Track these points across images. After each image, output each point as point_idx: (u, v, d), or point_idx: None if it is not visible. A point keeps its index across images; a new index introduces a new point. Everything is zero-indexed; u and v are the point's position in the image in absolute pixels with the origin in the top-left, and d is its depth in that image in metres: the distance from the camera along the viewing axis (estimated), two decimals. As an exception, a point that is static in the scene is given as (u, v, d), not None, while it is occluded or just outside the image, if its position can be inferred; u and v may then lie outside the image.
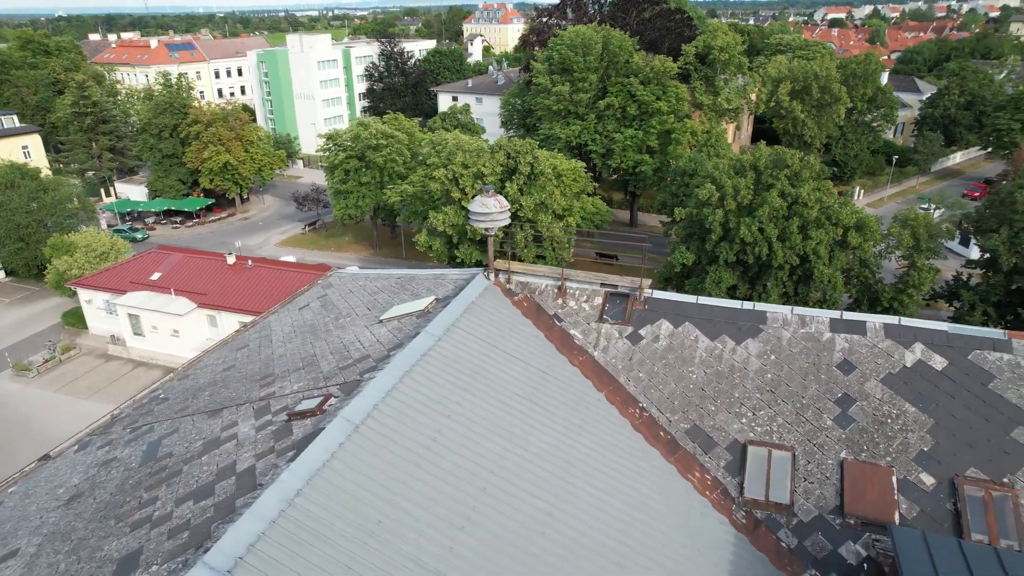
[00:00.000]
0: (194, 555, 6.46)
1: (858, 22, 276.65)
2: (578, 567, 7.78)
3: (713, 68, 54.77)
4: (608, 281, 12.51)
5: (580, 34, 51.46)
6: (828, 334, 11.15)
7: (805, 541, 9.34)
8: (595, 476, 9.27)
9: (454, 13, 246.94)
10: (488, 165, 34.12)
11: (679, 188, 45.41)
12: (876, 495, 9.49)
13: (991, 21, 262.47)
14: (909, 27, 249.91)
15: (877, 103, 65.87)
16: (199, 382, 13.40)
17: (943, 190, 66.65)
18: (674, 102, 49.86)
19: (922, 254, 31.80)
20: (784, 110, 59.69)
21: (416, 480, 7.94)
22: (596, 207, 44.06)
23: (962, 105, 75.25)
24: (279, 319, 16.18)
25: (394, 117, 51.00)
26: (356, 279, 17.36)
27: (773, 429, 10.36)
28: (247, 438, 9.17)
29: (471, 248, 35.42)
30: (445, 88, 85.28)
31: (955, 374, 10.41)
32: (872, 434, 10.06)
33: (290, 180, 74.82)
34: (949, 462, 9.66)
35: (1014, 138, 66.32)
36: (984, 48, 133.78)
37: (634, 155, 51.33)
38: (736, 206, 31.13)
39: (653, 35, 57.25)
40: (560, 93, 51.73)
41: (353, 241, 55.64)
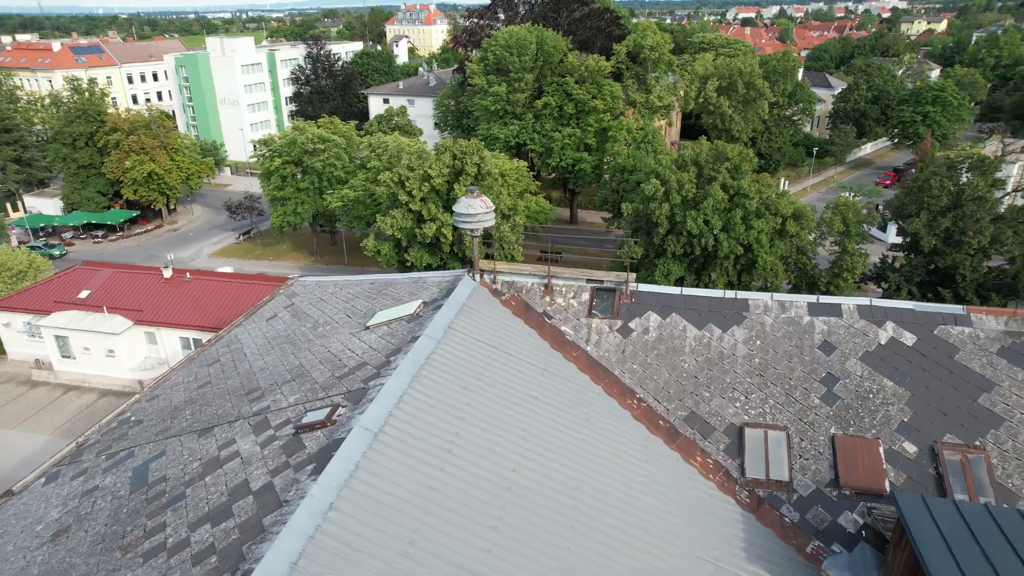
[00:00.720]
0: (236, 579, 6.21)
1: (767, 21, 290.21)
2: (609, 557, 7.91)
3: (644, 66, 56.21)
4: (594, 277, 12.71)
5: (514, 34, 51.78)
6: (807, 318, 11.72)
7: (806, 514, 9.81)
8: (608, 468, 9.42)
9: (376, 14, 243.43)
10: (435, 167, 33.85)
11: (620, 184, 46.43)
12: (866, 466, 10.06)
13: (884, 21, 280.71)
14: (813, 26, 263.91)
15: (796, 98, 69.33)
16: (174, 401, 12.78)
17: (859, 179, 70.80)
18: (609, 100, 50.92)
19: (852, 239, 33.68)
20: (712, 106, 61.96)
21: (443, 484, 7.87)
22: (540, 205, 44.42)
23: (870, 99, 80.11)
24: (247, 332, 15.61)
25: (330, 121, 49.87)
26: (324, 287, 16.96)
27: (766, 411, 10.81)
28: (252, 455, 8.84)
29: (421, 251, 35.08)
30: (376, 90, 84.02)
31: (924, 348, 11.16)
32: (857, 409, 10.65)
33: (218, 188, 71.93)
34: (927, 430, 10.35)
35: (917, 129, 71.12)
36: (883, 46, 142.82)
37: (573, 153, 52.09)
38: (681, 200, 32.09)
39: (585, 35, 58.25)
40: (497, 93, 51.90)
41: (291, 249, 54.05)
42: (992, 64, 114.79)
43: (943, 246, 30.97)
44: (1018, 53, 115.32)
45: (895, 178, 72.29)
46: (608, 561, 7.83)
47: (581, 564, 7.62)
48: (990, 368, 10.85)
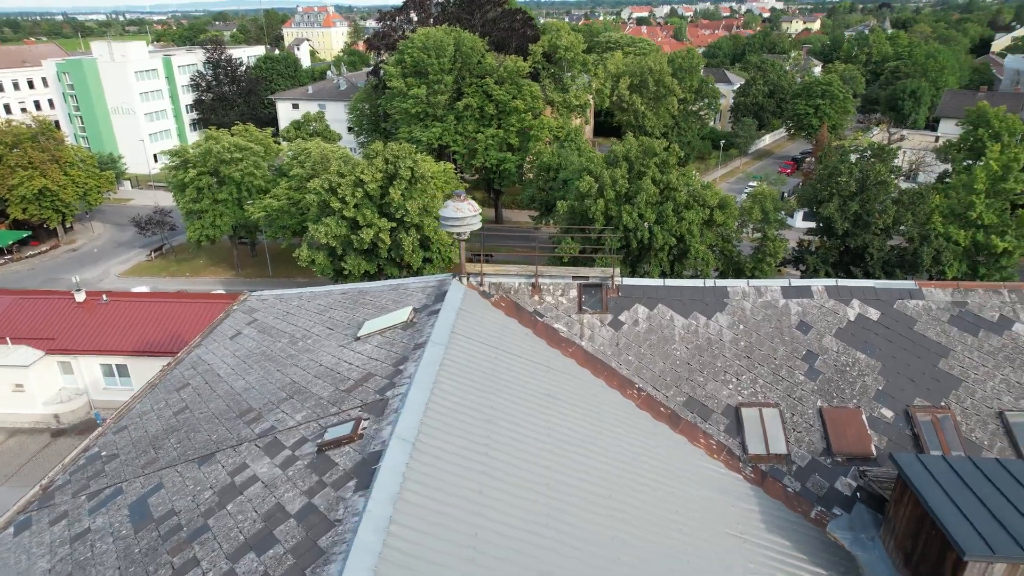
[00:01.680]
0: (316, 604, 6.01)
1: (660, 20, 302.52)
2: (654, 542, 8.20)
3: (560, 66, 57.40)
4: (579, 274, 13.00)
5: (431, 36, 51.55)
6: (783, 300, 12.50)
7: (807, 483, 10.50)
8: (627, 457, 9.72)
9: (271, 17, 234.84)
10: (368, 172, 33.25)
11: (546, 183, 47.27)
12: (853, 433, 10.88)
13: (767, 20, 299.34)
14: (703, 25, 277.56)
15: (702, 94, 72.87)
16: (149, 431, 12.01)
17: (763, 168, 75.29)
18: (530, 100, 51.66)
19: (771, 226, 35.91)
20: (626, 103, 64.11)
21: (489, 488, 7.89)
22: (471, 207, 44.46)
23: (766, 94, 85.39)
24: (211, 352, 14.87)
25: (245, 129, 47.84)
26: (287, 300, 16.39)
27: (757, 390, 11.46)
28: (275, 478, 8.50)
29: (358, 259, 34.35)
30: (284, 96, 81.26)
31: (888, 322, 12.17)
32: (837, 382, 11.49)
33: (120, 204, 67.31)
34: (900, 396, 11.31)
35: (810, 121, 76.59)
36: (770, 44, 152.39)
37: (497, 154, 52.48)
38: (615, 195, 33.11)
39: (499, 35, 58.75)
40: (417, 96, 51.51)
41: (210, 264, 51.43)
42: (864, 60, 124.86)
43: (854, 228, 33.58)
44: (885, 51, 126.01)
45: (794, 167, 77.44)
46: (654, 545, 8.12)
47: (632, 550, 7.86)
48: (944, 335, 11.98)
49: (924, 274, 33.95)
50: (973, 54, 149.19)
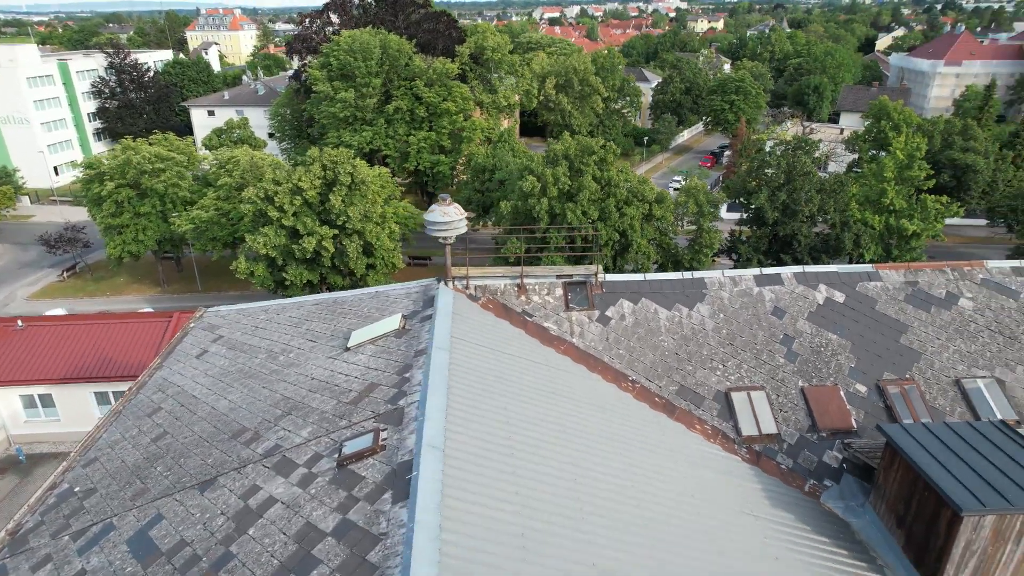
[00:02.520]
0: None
1: (572, 20, 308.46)
2: (679, 525, 8.49)
3: (487, 67, 57.62)
4: (562, 272, 13.21)
5: (357, 39, 50.62)
6: (756, 288, 13.15)
7: (798, 459, 11.11)
8: (637, 446, 10.00)
9: (172, 19, 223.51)
10: (305, 179, 32.32)
11: (483, 184, 47.41)
12: (834, 409, 11.60)
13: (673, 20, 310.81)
14: (614, 24, 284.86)
15: (624, 92, 74.89)
16: (127, 461, 11.32)
17: (684, 163, 78.14)
18: (460, 102, 51.60)
19: (705, 218, 37.43)
20: (552, 103, 65.07)
21: (523, 488, 7.96)
22: (408, 211, 44.09)
23: (683, 91, 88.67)
24: (177, 373, 14.16)
25: (164, 138, 45.40)
26: (252, 315, 15.81)
27: (743, 375, 12.02)
28: (295, 497, 8.25)
29: (299, 268, 33.33)
30: (199, 102, 77.62)
31: (852, 303, 13.03)
32: (814, 362, 12.21)
33: (20, 221, 62.40)
34: (871, 372, 12.14)
35: (726, 116, 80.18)
36: (681, 43, 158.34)
37: (430, 156, 52.12)
38: (558, 193, 33.61)
39: (425, 38, 58.37)
40: (345, 99, 50.47)
41: (132, 281, 48.50)
42: (768, 58, 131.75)
43: (783, 217, 35.48)
44: (786, 49, 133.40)
45: (713, 160, 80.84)
46: (682, 528, 8.42)
47: (664, 535, 8.13)
48: (902, 313, 12.95)
49: (845, 257, 36.33)
50: (860, 52, 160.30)
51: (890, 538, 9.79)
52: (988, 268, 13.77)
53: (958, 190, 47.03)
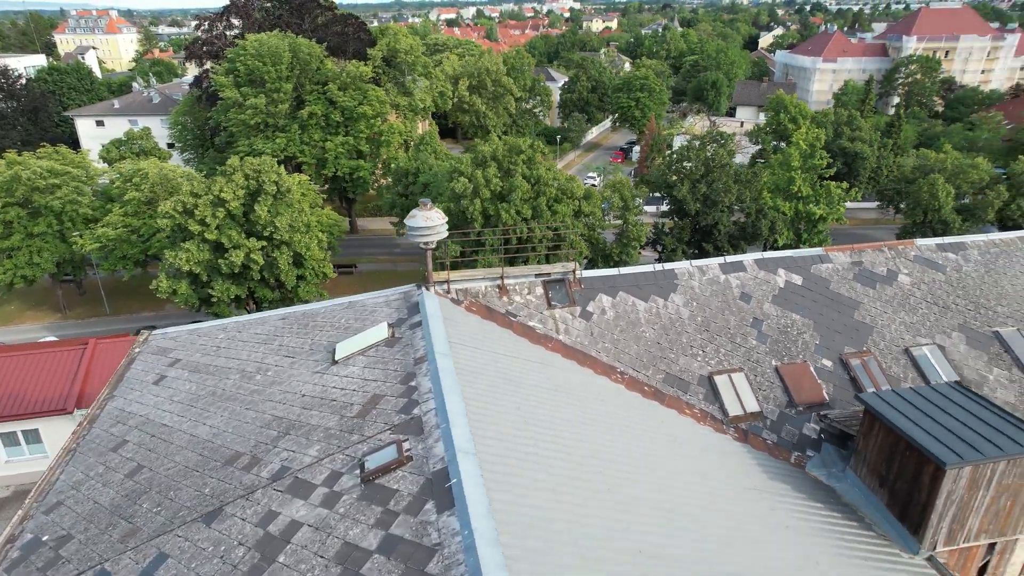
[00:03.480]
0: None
1: (469, 22, 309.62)
2: (697, 505, 8.87)
3: (400, 70, 56.90)
4: (541, 271, 13.37)
5: (265, 43, 48.68)
6: (723, 276, 13.83)
7: (781, 433, 11.81)
8: (643, 434, 10.33)
9: (37, 21, 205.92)
10: (228, 190, 30.79)
11: (406, 188, 46.87)
12: (807, 384, 12.41)
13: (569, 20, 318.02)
14: (511, 25, 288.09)
15: (535, 92, 75.99)
16: (102, 502, 10.49)
17: (595, 160, 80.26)
18: (376, 105, 50.69)
19: (631, 212, 38.70)
20: (467, 104, 65.09)
21: (559, 485, 8.06)
22: (332, 218, 42.94)
23: (590, 89, 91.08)
24: (136, 403, 13.25)
25: (55, 151, 41.85)
26: (209, 335, 15.00)
27: (722, 358, 12.63)
28: (324, 518, 7.97)
29: (226, 283, 31.72)
30: (84, 112, 72.04)
31: (809, 285, 13.96)
32: (784, 342, 13.00)
33: None
34: (833, 347, 13.07)
35: (633, 113, 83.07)
36: (580, 42, 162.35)
37: (348, 161, 50.89)
38: (491, 194, 33.77)
39: (334, 41, 56.84)
40: (256, 106, 48.40)
41: (26, 308, 44.39)
42: (664, 56, 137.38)
43: (704, 208, 37.25)
44: (681, 47, 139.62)
45: (623, 156, 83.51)
46: (702, 509, 8.80)
47: (690, 515, 8.47)
48: (852, 291, 14.01)
49: (762, 243, 38.63)
50: (746, 50, 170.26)
51: (873, 497, 10.60)
52: (918, 246, 15.13)
53: (849, 176, 50.97)
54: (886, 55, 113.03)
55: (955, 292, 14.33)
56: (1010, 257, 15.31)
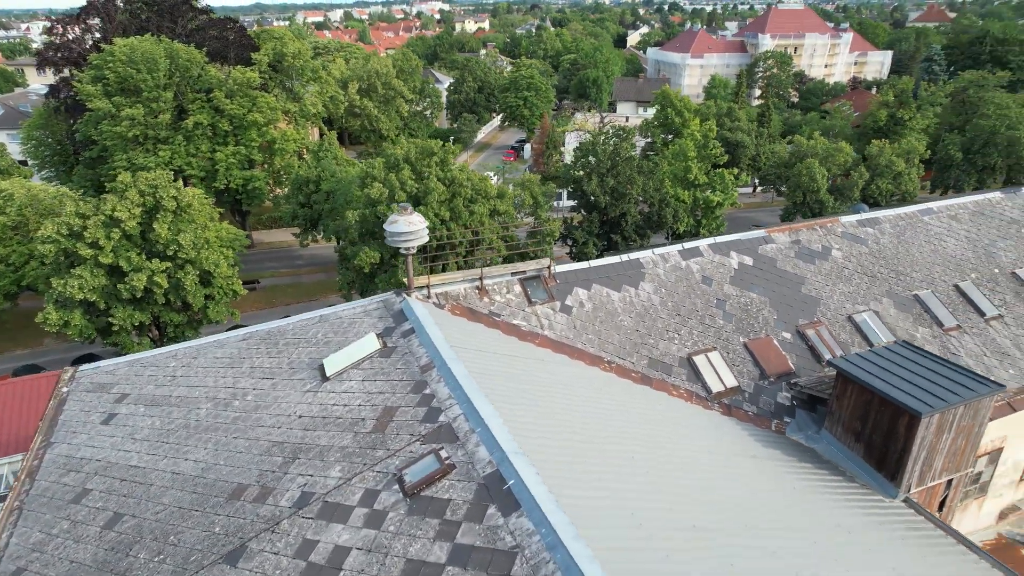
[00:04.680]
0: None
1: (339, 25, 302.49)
2: (721, 479, 9.36)
3: (288, 75, 54.54)
4: (516, 269, 13.44)
5: (137, 48, 44.94)
6: (684, 262, 14.55)
7: (759, 404, 12.63)
8: (648, 418, 10.71)
9: None
10: (121, 208, 28.23)
11: (308, 197, 45.15)
12: (774, 357, 13.34)
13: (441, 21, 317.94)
14: (383, 27, 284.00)
15: (425, 94, 75.41)
16: (82, 560, 9.44)
17: (488, 159, 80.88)
18: (268, 112, 48.30)
19: (543, 209, 39.46)
20: (358, 108, 63.46)
21: (604, 475, 8.23)
22: (231, 232, 40.52)
23: (476, 89, 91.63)
24: (87, 446, 12.03)
25: None
26: (159, 363, 13.84)
27: (696, 340, 13.29)
28: (374, 539, 7.67)
29: (129, 310, 29.09)
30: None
31: (760, 265, 14.99)
32: (747, 320, 13.88)
33: None
34: (789, 320, 14.13)
35: (521, 112, 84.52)
36: (459, 43, 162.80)
37: (241, 172, 48.15)
38: (407, 197, 33.23)
39: (214, 45, 53.47)
40: (133, 117, 44.62)
41: None
42: (542, 55, 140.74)
43: (612, 200, 38.66)
44: (556, 46, 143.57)
45: (515, 154, 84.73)
46: (724, 481, 9.29)
47: (718, 489, 8.92)
48: (796, 268, 15.20)
49: (667, 230, 40.68)
50: (617, 47, 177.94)
51: (850, 452, 11.60)
52: (843, 223, 16.64)
53: (731, 164, 54.75)
54: (745, 51, 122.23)
55: (878, 262, 15.91)
56: (914, 229, 17.20)
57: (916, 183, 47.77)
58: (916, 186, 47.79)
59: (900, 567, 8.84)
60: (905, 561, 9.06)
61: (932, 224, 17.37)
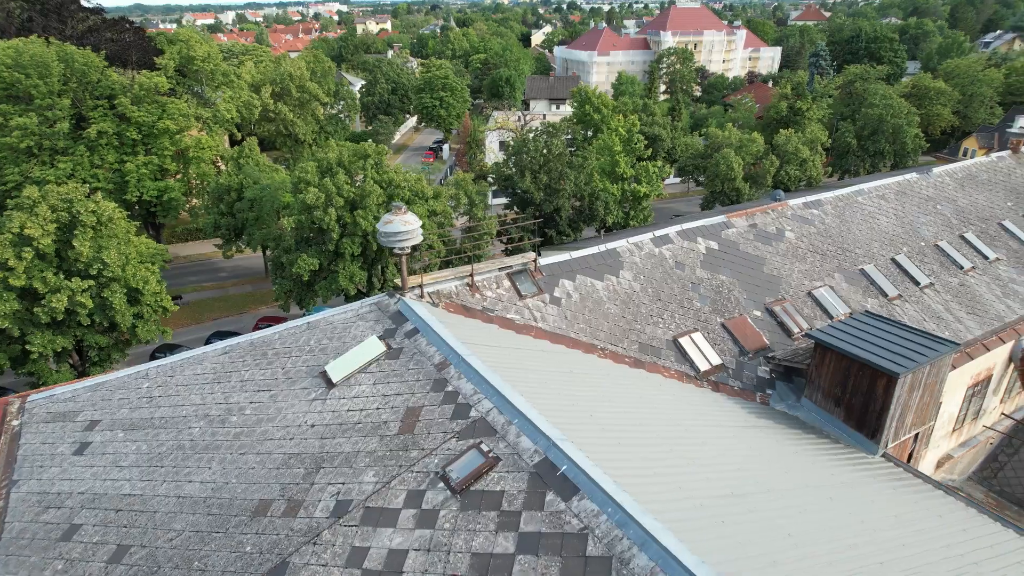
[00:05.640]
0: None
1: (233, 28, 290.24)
2: (738, 452, 9.88)
3: (197, 80, 51.82)
4: (504, 264, 13.54)
5: (24, 51, 41.44)
6: (657, 249, 15.12)
7: (743, 379, 13.34)
8: (654, 399, 11.13)
9: None
10: (33, 225, 26.02)
11: (230, 206, 43.29)
12: (750, 334, 14.13)
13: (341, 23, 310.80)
14: (281, 30, 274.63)
15: (340, 96, 73.62)
16: (91, 596, 8.80)
17: (407, 161, 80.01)
18: (180, 120, 45.70)
19: (478, 208, 39.59)
20: (272, 113, 61.16)
21: (644, 455, 8.54)
22: (151, 247, 38.20)
23: (390, 91, 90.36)
24: (62, 479, 11.23)
25: None
26: (129, 385, 13.05)
27: (678, 322, 13.87)
28: (431, 538, 7.62)
29: (48, 335, 26.86)
30: None
31: (724, 248, 15.80)
32: (720, 300, 14.62)
33: None
34: (758, 299, 14.99)
35: (438, 112, 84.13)
36: (365, 45, 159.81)
37: (154, 183, 45.33)
38: (344, 202, 32.50)
39: (112, 49, 49.96)
40: (24, 126, 41.10)
41: None
42: (450, 56, 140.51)
43: (546, 196, 39.27)
44: (464, 46, 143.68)
45: (434, 155, 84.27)
46: (742, 452, 9.81)
47: (740, 463, 9.42)
48: (757, 250, 16.13)
49: (599, 223, 41.75)
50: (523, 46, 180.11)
51: (831, 417, 12.49)
52: (791, 205, 17.77)
53: (651, 157, 56.84)
54: (649, 48, 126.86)
55: (826, 241, 17.13)
56: (852, 209, 18.61)
57: (820, 169, 51.36)
58: (820, 172, 51.38)
59: (902, 513, 9.66)
60: (906, 505, 9.91)
61: (865, 204, 18.85)
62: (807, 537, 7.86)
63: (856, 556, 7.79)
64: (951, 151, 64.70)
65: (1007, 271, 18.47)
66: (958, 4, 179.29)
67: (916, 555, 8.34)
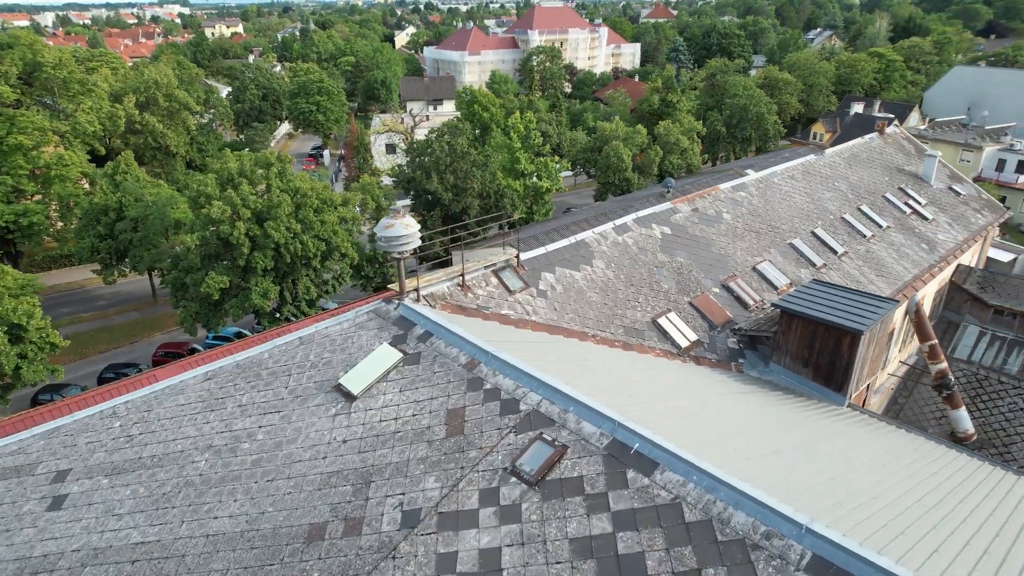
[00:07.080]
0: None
1: (57, 31, 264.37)
2: (746, 419, 10.74)
3: (48, 89, 46.62)
4: (488, 262, 13.66)
5: None
6: (619, 237, 15.86)
7: (717, 351, 14.36)
8: (662, 377, 11.79)
9: None
10: None
11: (108, 227, 39.64)
12: (715, 310, 15.22)
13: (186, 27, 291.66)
14: (117, 34, 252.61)
15: (210, 104, 69.01)
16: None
17: (293, 169, 76.63)
18: (36, 135, 40.96)
19: (385, 212, 38.89)
20: (138, 124, 56.19)
21: (685, 427, 9.10)
22: (17, 277, 34.14)
23: (261, 97, 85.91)
24: (42, 541, 10.15)
25: None
26: (95, 427, 11.95)
27: (652, 304, 14.67)
28: (520, 532, 7.74)
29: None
30: None
31: (675, 232, 16.86)
32: (684, 281, 15.61)
33: None
34: (714, 276, 16.15)
35: (315, 117, 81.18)
36: (223, 49, 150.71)
37: (9, 207, 40.34)
38: (251, 214, 30.81)
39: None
40: None
41: None
42: (316, 59, 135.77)
43: (454, 196, 39.31)
44: (329, 48, 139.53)
45: (315, 161, 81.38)
46: (745, 419, 10.67)
47: (739, 423, 10.27)
48: (704, 232, 17.34)
49: (505, 220, 42.36)
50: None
51: (800, 377, 13.80)
52: (722, 189, 19.21)
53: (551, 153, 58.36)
54: (517, 47, 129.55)
55: (757, 220, 18.71)
56: (771, 190, 20.42)
57: (698, 157, 55.22)
58: (698, 159, 55.25)
59: (887, 446, 10.96)
60: (889, 440, 11.24)
61: (781, 184, 20.75)
62: (845, 478, 8.78)
63: (888, 490, 8.81)
64: (803, 135, 71.87)
65: (897, 236, 21.07)
66: (782, 4, 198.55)
67: (925, 480, 9.54)
